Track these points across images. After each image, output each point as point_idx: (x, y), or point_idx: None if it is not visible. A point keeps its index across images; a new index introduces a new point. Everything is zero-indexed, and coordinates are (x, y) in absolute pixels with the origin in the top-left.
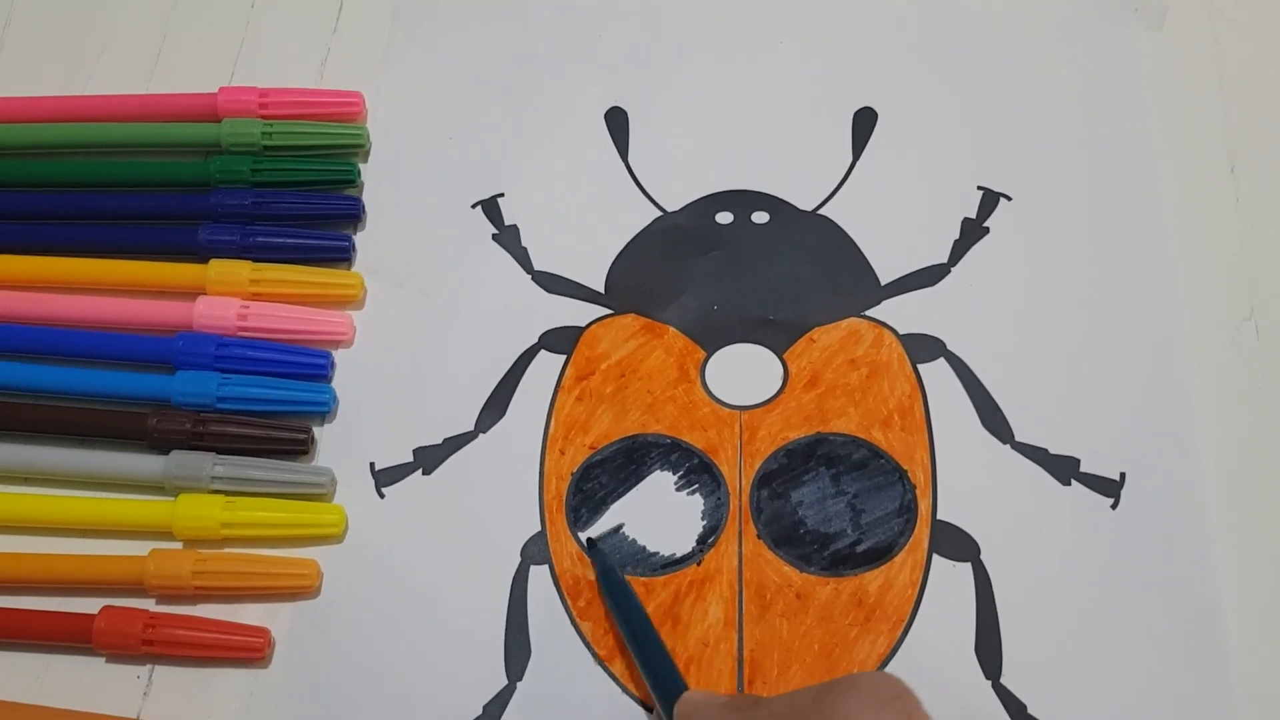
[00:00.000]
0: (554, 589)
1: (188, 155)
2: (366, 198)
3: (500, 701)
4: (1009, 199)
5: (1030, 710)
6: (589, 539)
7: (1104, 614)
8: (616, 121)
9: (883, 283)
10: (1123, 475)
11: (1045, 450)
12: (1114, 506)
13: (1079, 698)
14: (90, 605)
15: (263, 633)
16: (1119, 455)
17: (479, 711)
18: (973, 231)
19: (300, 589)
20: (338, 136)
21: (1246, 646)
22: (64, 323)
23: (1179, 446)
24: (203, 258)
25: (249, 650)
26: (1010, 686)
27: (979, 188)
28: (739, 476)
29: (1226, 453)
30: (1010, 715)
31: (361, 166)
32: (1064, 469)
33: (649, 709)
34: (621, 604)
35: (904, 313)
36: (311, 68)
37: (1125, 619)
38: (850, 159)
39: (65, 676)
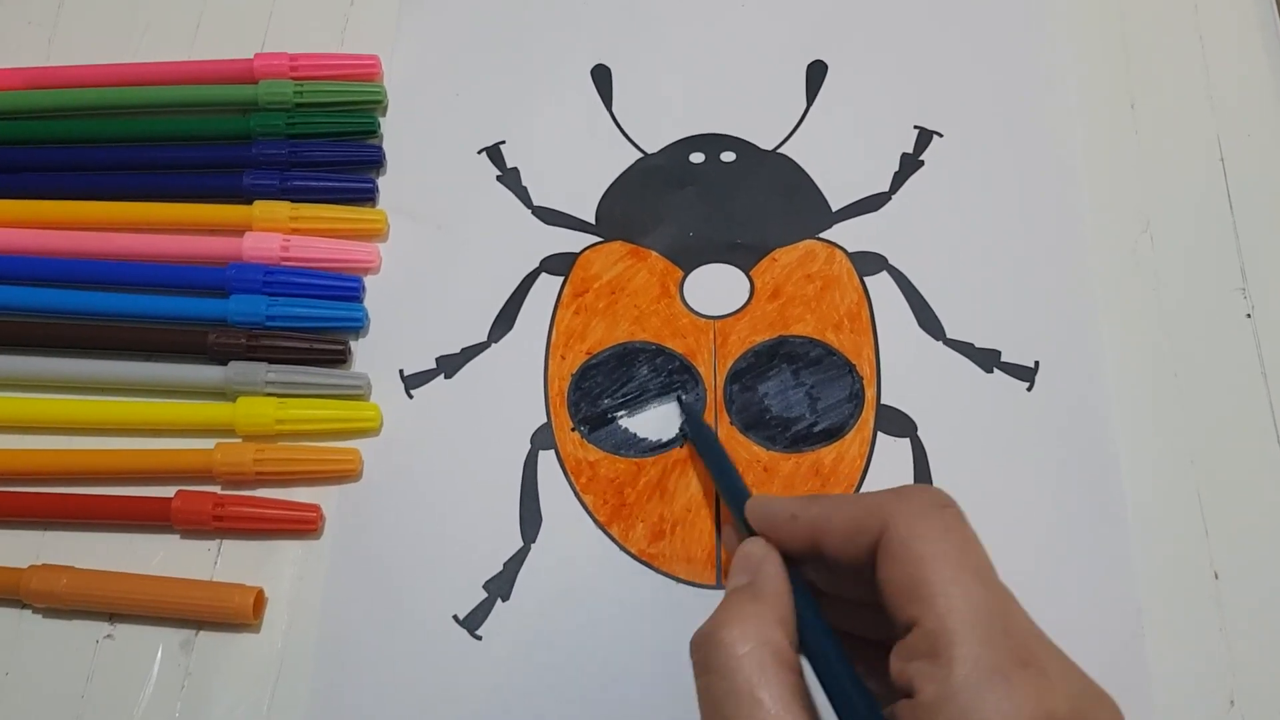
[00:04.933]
0: (560, 469)
1: (229, 113)
2: (386, 146)
3: (517, 559)
4: (941, 136)
5: None
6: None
7: (1021, 478)
8: (601, 77)
9: (833, 209)
10: (1037, 363)
11: (971, 344)
12: (1029, 389)
13: (999, 545)
14: (165, 493)
15: (315, 509)
16: (1034, 347)
17: (500, 568)
18: (910, 164)
19: (345, 473)
20: (359, 94)
21: (1139, 501)
22: (133, 257)
23: (1085, 338)
24: (247, 200)
25: (304, 524)
26: None
27: (915, 127)
28: (714, 374)
29: (1124, 343)
30: None
31: (381, 120)
32: (987, 359)
33: (642, 562)
34: (705, 440)
35: (852, 234)
36: (333, 35)
37: (1038, 481)
38: (805, 105)
39: (147, 551)
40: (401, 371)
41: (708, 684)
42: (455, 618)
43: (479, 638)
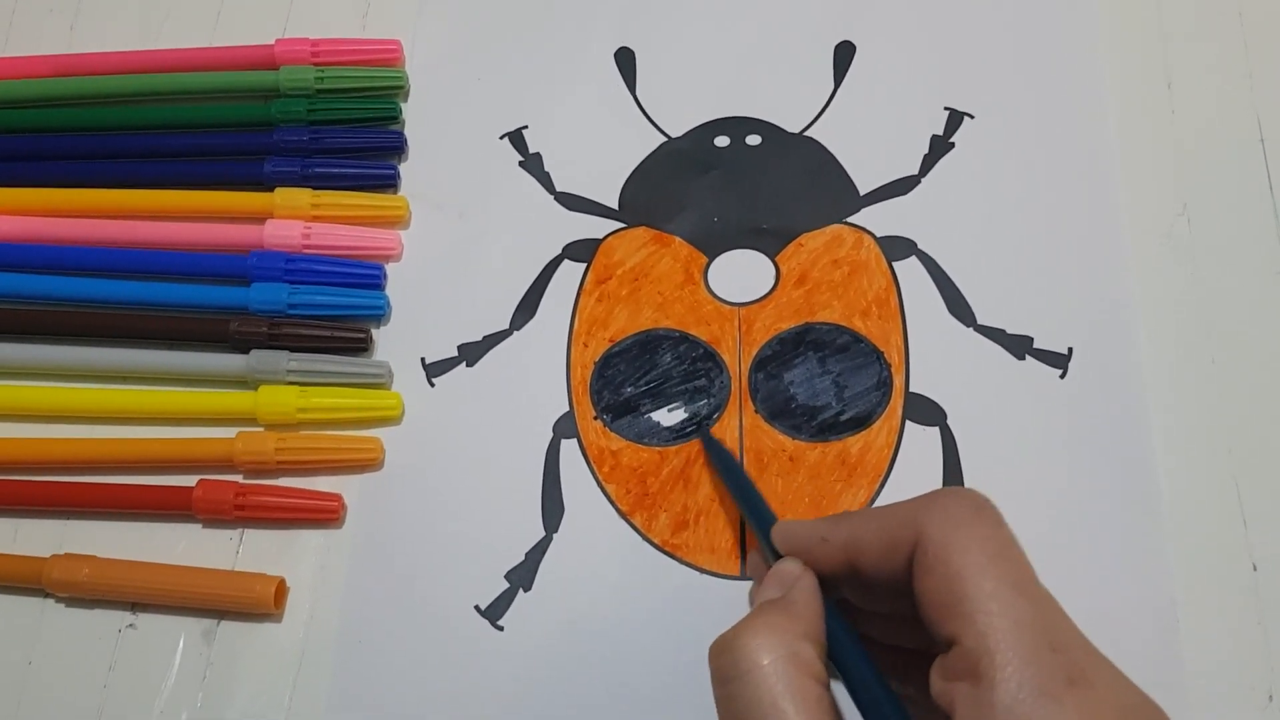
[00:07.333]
0: (582, 458)
1: (251, 99)
2: (408, 132)
3: (539, 549)
4: (972, 117)
5: None
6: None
7: (1053, 467)
8: (625, 60)
9: (861, 193)
10: (1070, 350)
11: (1003, 330)
12: (1062, 376)
13: (1029, 537)
14: (186, 482)
15: (337, 498)
16: (1067, 333)
17: (522, 558)
18: (940, 147)
19: (366, 462)
20: (381, 79)
21: (1175, 490)
22: (154, 245)
23: (1120, 324)
24: (269, 187)
25: (325, 513)
26: None
27: (945, 108)
28: (739, 362)
29: (1160, 329)
30: None
31: (402, 105)
32: (1019, 346)
33: (665, 553)
34: (727, 466)
35: (880, 218)
36: (354, 20)
37: (1071, 471)
38: (832, 86)
39: (168, 541)
40: (423, 360)
41: (729, 693)
42: (477, 608)
43: (500, 628)
